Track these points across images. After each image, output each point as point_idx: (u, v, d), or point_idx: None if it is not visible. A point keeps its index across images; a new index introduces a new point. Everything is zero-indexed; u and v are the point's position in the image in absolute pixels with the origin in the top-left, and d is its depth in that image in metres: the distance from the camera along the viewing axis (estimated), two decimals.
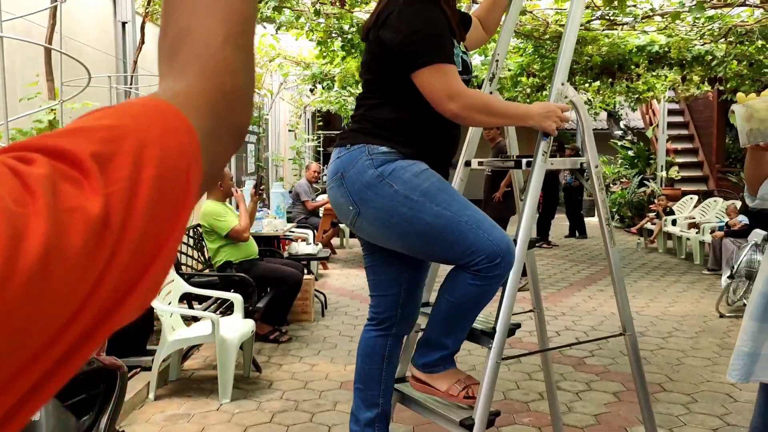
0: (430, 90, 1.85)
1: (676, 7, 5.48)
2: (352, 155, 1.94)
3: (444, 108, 1.85)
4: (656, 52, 6.86)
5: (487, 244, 1.85)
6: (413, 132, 1.95)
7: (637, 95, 9.71)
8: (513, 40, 7.07)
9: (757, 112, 1.62)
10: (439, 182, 1.93)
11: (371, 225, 1.95)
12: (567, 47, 1.99)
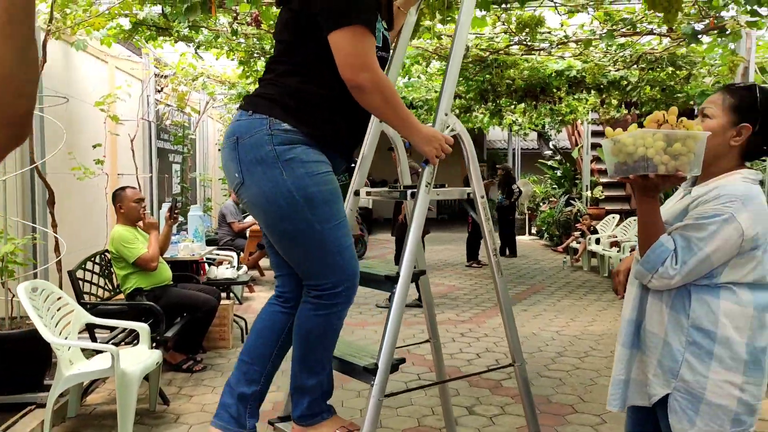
0: (345, 53, 1.76)
1: (588, 35, 5.65)
2: (252, 123, 1.85)
3: (352, 74, 1.76)
4: (574, 76, 7.05)
5: (339, 271, 1.86)
6: (321, 109, 1.88)
7: (561, 117, 9.97)
8: (436, 63, 7.15)
9: (625, 147, 1.64)
10: (329, 192, 1.87)
11: (250, 200, 1.89)
12: (450, 80, 1.98)
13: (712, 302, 1.68)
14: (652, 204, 1.72)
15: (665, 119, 1.67)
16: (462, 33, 2.00)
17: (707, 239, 1.64)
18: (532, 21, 4.66)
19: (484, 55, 6.41)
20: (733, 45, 5.26)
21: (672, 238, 1.70)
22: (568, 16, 5.27)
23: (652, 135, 1.60)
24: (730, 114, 1.75)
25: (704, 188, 1.77)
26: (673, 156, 1.61)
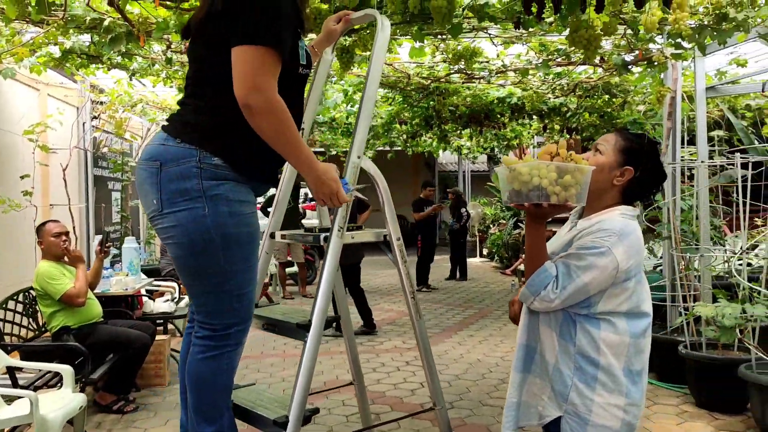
0: (241, 70, 1.69)
1: (525, 64, 5.74)
2: (180, 152, 1.80)
3: (243, 93, 1.69)
4: (515, 103, 7.16)
5: (234, 314, 1.86)
6: (249, 141, 1.82)
7: (507, 141, 10.11)
8: (381, 90, 7.17)
9: (521, 175, 1.72)
10: (247, 235, 1.85)
11: (164, 229, 1.84)
12: (362, 123, 1.95)
13: (594, 332, 1.82)
14: (540, 230, 1.87)
15: (557, 152, 1.78)
16: (374, 76, 1.98)
17: (585, 268, 1.77)
18: (467, 52, 4.71)
19: (425, 83, 6.46)
20: (662, 74, 5.44)
21: (555, 265, 1.83)
22: (504, 47, 5.36)
23: (546, 166, 1.71)
24: (618, 155, 1.92)
25: (587, 222, 1.91)
26: (563, 187, 1.72)
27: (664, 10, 3.11)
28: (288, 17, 1.74)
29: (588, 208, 1.94)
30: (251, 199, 1.87)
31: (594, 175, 1.82)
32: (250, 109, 1.70)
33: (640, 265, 1.88)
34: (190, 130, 1.83)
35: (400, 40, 4.85)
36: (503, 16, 3.98)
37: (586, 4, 3.13)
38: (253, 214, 1.87)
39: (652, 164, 1.96)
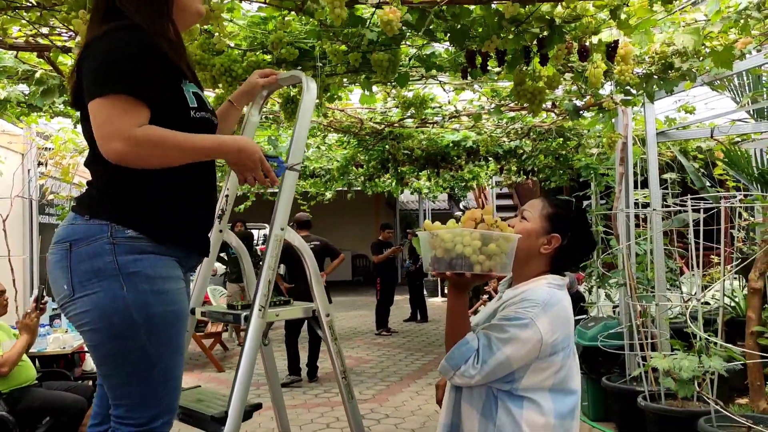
0: (96, 124, 1.58)
1: (477, 109, 5.73)
2: (90, 229, 1.65)
3: (104, 146, 1.57)
4: (470, 147, 7.15)
5: (159, 404, 1.67)
6: (165, 206, 1.69)
7: (465, 182, 10.11)
8: (334, 135, 7.09)
9: (444, 242, 1.64)
10: (173, 314, 1.69)
11: (78, 315, 1.66)
12: (285, 193, 1.82)
13: (516, 411, 1.70)
14: (462, 299, 1.78)
15: (482, 218, 1.71)
16: (298, 143, 1.86)
17: (507, 341, 1.68)
18: (417, 100, 4.65)
19: (379, 128, 6.40)
20: (614, 119, 5.46)
21: (477, 337, 1.74)
22: (456, 93, 5.33)
23: (470, 234, 1.64)
24: (545, 222, 1.86)
25: (513, 291, 1.83)
26: (488, 256, 1.65)
27: (608, 63, 3.08)
28: (137, 59, 1.62)
29: (515, 276, 1.88)
30: (177, 273, 1.70)
31: (520, 242, 1.74)
32: (122, 156, 1.58)
33: (569, 337, 1.78)
34: (98, 205, 1.68)
35: (350, 87, 4.79)
36: (450, 66, 3.93)
37: (530, 58, 3.08)
38: (180, 290, 1.70)
39: (581, 232, 1.90)
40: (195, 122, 1.74)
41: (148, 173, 1.66)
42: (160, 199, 1.69)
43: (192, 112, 1.74)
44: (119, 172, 1.65)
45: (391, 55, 3.25)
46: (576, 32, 2.98)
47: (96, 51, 1.63)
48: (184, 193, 1.73)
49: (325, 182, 9.30)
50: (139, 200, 1.67)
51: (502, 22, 2.83)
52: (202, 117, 1.77)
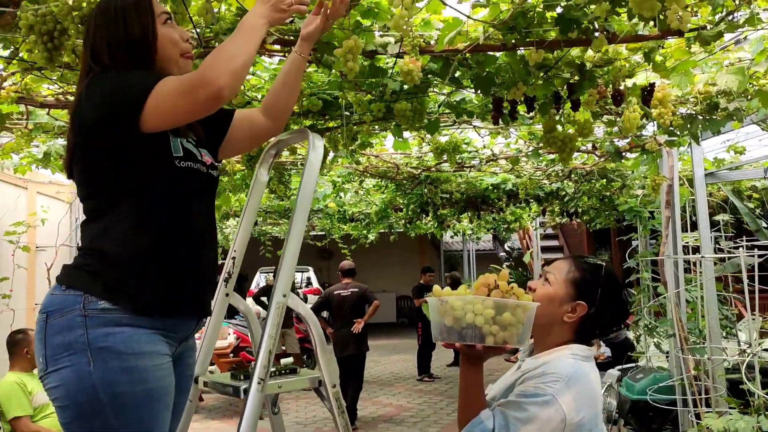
0: (170, 106, 1.52)
1: (515, 152, 5.59)
2: (66, 300, 1.56)
3: (202, 100, 1.50)
4: (510, 189, 6.99)
5: None
6: (144, 269, 1.58)
7: (507, 224, 9.90)
8: (371, 180, 7.04)
9: (453, 310, 1.52)
10: (146, 392, 1.54)
11: (50, 389, 1.56)
12: (288, 256, 1.72)
13: None
14: (476, 373, 1.62)
15: (496, 284, 1.57)
16: (303, 204, 1.77)
17: (526, 421, 1.51)
18: (450, 146, 4.55)
19: (415, 172, 6.32)
20: (659, 160, 5.24)
21: (493, 415, 1.56)
22: (492, 136, 5.22)
23: (481, 302, 1.51)
24: (570, 287, 1.69)
25: (534, 361, 1.67)
26: (502, 326, 1.51)
27: (644, 108, 2.92)
28: (146, 75, 1.60)
29: (536, 343, 1.72)
30: (157, 348, 1.58)
31: (542, 306, 1.60)
32: (225, 87, 1.51)
33: (597, 416, 1.59)
34: (74, 273, 1.60)
35: (383, 133, 4.73)
36: (481, 111, 3.83)
37: (561, 104, 2.96)
38: (159, 366, 1.57)
39: (610, 300, 1.71)
40: (179, 172, 1.66)
41: (127, 235, 1.58)
42: (137, 264, 1.59)
43: (176, 161, 1.66)
44: (101, 241, 1.59)
45: (416, 103, 3.18)
46: (608, 76, 2.84)
47: (99, 89, 1.58)
48: (166, 257, 1.62)
49: (365, 226, 9.24)
50: (114, 267, 1.58)
51: (529, 68, 2.72)
52: (188, 167, 1.68)
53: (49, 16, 1.72)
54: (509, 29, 2.41)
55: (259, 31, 1.64)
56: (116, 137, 1.57)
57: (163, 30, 1.65)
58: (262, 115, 1.96)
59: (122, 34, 1.62)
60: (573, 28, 2.31)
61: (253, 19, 1.65)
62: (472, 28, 2.54)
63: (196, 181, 1.71)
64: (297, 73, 1.93)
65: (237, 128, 1.95)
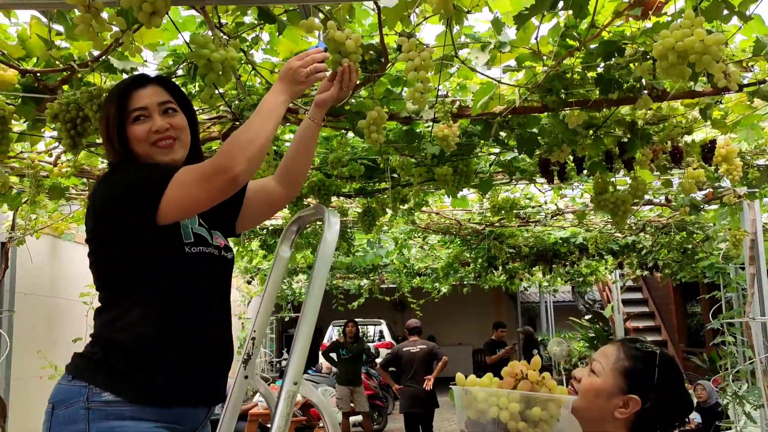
0: (188, 196, 1.50)
1: (581, 207, 5.37)
2: (71, 391, 1.52)
3: (218, 187, 1.48)
4: (581, 243, 6.71)
5: None
6: (146, 357, 1.53)
7: (583, 278, 9.51)
8: (434, 237, 6.94)
9: (477, 402, 1.40)
10: None
11: None
12: (301, 341, 1.64)
13: None
14: None
15: (524, 374, 1.42)
16: (318, 283, 1.69)
17: None
18: (506, 204, 4.41)
19: (479, 228, 6.18)
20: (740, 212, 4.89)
21: None
22: (554, 191, 5.03)
23: (506, 395, 1.39)
24: (619, 378, 1.45)
25: None
26: (531, 422, 1.36)
27: (704, 165, 2.72)
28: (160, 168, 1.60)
29: None
30: None
31: (588, 400, 1.43)
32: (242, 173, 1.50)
33: None
34: (81, 363, 1.58)
35: (441, 192, 4.65)
36: (535, 169, 3.70)
37: (613, 163, 2.79)
38: None
39: (668, 394, 1.46)
40: (189, 258, 1.62)
41: (133, 323, 1.54)
42: (142, 351, 1.53)
43: (186, 248, 1.62)
44: (105, 329, 1.56)
45: (461, 165, 3.08)
46: (663, 134, 2.66)
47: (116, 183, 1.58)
48: (172, 343, 1.56)
49: (433, 281, 9.10)
50: (118, 354, 1.54)
51: (575, 128, 2.58)
52: (199, 252, 1.65)
53: (72, 104, 1.77)
54: (546, 91, 2.30)
55: (279, 109, 1.62)
56: (131, 228, 1.56)
57: (131, 129, 1.65)
58: (276, 182, 1.92)
59: (102, 127, 1.66)
60: (614, 89, 2.17)
61: (273, 97, 1.63)
62: (508, 90, 2.45)
63: (208, 266, 1.67)
64: (311, 140, 1.89)
65: (252, 200, 1.91)
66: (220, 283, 1.74)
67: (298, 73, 1.64)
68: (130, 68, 1.99)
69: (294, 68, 1.63)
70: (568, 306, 16.40)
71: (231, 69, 1.60)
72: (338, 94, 1.78)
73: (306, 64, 1.64)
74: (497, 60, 2.15)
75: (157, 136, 1.65)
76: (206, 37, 1.57)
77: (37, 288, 5.04)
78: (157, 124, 1.65)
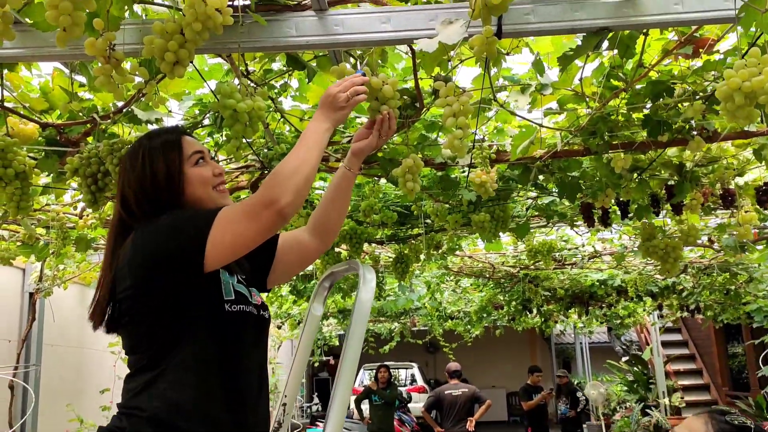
0: (236, 233, 1.41)
1: (619, 249, 5.18)
2: None
3: (266, 222, 1.39)
4: (619, 285, 6.48)
5: None
6: (188, 420, 1.42)
7: (620, 320, 9.20)
8: (467, 281, 6.78)
9: None
10: None
11: None
12: (337, 404, 1.50)
13: None
14: None
15: None
16: (353, 346, 1.56)
17: None
18: (543, 248, 4.25)
19: (513, 271, 6.00)
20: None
21: None
22: (592, 234, 4.86)
23: None
24: None
25: None
26: None
27: (758, 209, 2.55)
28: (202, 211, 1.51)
29: None
30: None
31: None
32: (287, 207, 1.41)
33: None
34: (112, 425, 1.47)
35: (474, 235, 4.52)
36: (574, 213, 3.55)
37: (659, 207, 2.64)
38: None
39: None
40: (230, 317, 1.51)
41: (167, 390, 1.42)
42: (175, 422, 1.42)
43: (227, 305, 1.51)
44: (136, 392, 1.44)
45: (498, 211, 2.95)
46: (714, 176, 2.51)
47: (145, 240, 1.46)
48: (209, 411, 1.44)
49: (466, 324, 8.88)
50: (149, 426, 1.43)
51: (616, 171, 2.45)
52: (240, 311, 1.53)
53: (93, 158, 1.70)
54: (590, 134, 2.17)
55: (322, 138, 1.54)
56: (176, 279, 1.45)
57: (193, 171, 1.56)
58: (309, 233, 1.81)
59: (148, 177, 1.54)
60: (663, 130, 2.04)
61: (315, 126, 1.55)
62: (548, 133, 2.33)
63: (248, 326, 1.55)
64: (347, 189, 1.79)
65: (283, 253, 1.80)
66: (259, 346, 1.62)
67: (338, 99, 1.56)
68: (154, 119, 1.92)
69: (333, 94, 1.55)
70: (604, 347, 15.92)
71: (258, 119, 1.51)
72: (376, 142, 1.68)
73: (345, 89, 1.55)
74: (538, 102, 2.04)
75: (219, 180, 1.58)
76: (232, 86, 1.49)
77: (64, 339, 4.99)
78: (218, 168, 1.58)
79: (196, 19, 1.33)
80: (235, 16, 1.43)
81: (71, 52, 1.52)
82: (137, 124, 1.93)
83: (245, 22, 1.54)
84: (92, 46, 1.31)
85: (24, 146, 1.85)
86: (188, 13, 1.33)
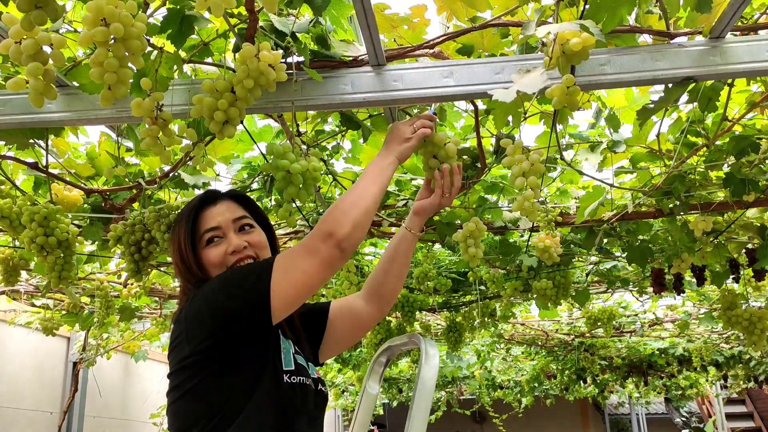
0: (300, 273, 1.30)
1: (683, 316, 4.87)
2: None
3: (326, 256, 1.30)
4: (681, 354, 6.10)
5: None
6: None
7: (681, 390, 8.67)
8: (517, 348, 6.49)
9: None
10: None
11: None
12: None
13: None
14: None
15: None
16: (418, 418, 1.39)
17: None
18: (603, 315, 4.00)
19: (567, 339, 5.71)
20: None
21: None
22: (653, 300, 4.59)
23: None
24: None
25: None
26: None
27: None
28: None
29: None
30: None
31: None
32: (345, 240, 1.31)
33: None
34: None
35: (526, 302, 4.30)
36: (638, 278, 3.33)
37: (739, 273, 2.42)
38: None
39: None
40: (288, 389, 1.35)
41: None
42: None
43: (286, 376, 1.35)
44: None
45: (559, 277, 2.77)
46: None
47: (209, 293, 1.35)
48: None
49: (516, 393, 8.48)
50: None
51: (694, 235, 2.26)
52: (300, 383, 1.38)
53: (138, 225, 1.61)
54: (664, 194, 2.00)
55: (385, 171, 1.44)
56: (243, 339, 1.32)
57: (203, 253, 1.45)
58: (364, 300, 1.66)
59: (176, 250, 1.44)
60: (748, 190, 1.86)
61: (379, 159, 1.45)
62: (617, 194, 2.17)
63: (306, 401, 1.40)
64: (407, 252, 1.64)
65: (336, 322, 1.65)
66: (316, 424, 1.46)
67: (403, 131, 1.47)
68: (202, 183, 1.84)
69: (399, 127, 1.48)
70: (662, 419, 15.06)
71: (313, 181, 1.40)
72: (440, 201, 1.56)
73: (412, 122, 1.48)
74: (608, 161, 1.89)
75: (235, 257, 1.43)
76: (285, 147, 1.39)
77: (106, 410, 4.88)
78: (234, 244, 1.44)
79: (248, 75, 1.25)
80: (288, 73, 1.34)
81: (118, 114, 1.45)
82: (184, 188, 1.85)
83: (299, 79, 1.45)
84: (139, 106, 1.23)
85: (68, 214, 1.78)
86: (240, 70, 1.25)
